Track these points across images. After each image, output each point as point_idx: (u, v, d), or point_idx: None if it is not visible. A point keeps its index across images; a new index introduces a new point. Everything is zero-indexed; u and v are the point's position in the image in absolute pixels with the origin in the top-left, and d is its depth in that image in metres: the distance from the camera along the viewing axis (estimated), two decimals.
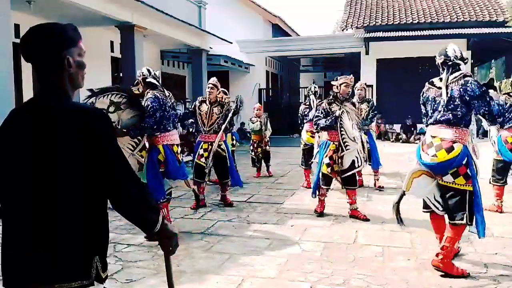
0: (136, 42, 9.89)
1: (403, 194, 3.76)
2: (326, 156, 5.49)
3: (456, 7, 16.89)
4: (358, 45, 16.39)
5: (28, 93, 8.75)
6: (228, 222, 5.38)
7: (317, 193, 5.68)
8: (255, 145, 8.76)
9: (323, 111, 5.54)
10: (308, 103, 7.54)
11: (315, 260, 4.05)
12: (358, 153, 5.47)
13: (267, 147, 8.85)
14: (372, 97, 15.49)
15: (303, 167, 7.74)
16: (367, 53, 16.28)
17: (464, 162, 3.58)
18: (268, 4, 26.72)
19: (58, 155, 1.44)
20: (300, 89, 20.52)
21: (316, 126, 5.61)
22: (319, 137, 8.04)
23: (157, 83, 4.91)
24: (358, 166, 5.54)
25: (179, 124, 5.97)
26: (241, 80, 17.27)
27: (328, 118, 5.43)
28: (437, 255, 3.68)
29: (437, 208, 3.75)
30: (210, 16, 14.63)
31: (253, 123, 8.81)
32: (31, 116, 1.49)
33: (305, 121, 7.60)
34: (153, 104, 4.66)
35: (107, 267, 1.59)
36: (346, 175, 5.48)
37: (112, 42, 11.62)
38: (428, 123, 3.78)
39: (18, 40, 9.55)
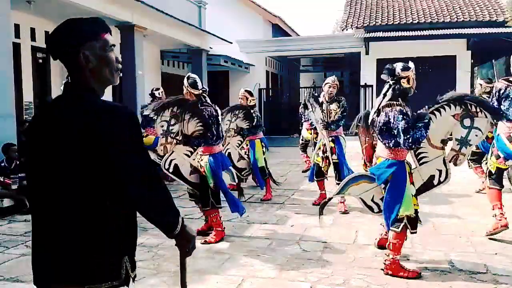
0: (136, 42, 9.89)
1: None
2: (411, 183, 3.75)
3: (456, 7, 16.88)
4: (358, 45, 16.37)
5: (28, 93, 8.75)
6: (228, 222, 5.37)
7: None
8: None
9: (407, 117, 3.56)
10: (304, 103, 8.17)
11: (315, 260, 4.05)
12: (444, 163, 3.89)
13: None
14: (372, 98, 15.51)
15: (304, 153, 8.79)
16: (367, 53, 16.26)
17: None
18: (268, 4, 26.70)
19: (58, 155, 1.45)
20: (300, 89, 20.52)
21: (415, 142, 3.55)
22: (316, 134, 7.45)
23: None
24: (441, 182, 3.90)
25: None
26: (241, 80, 17.24)
27: (421, 124, 3.52)
28: None
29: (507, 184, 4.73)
30: (210, 16, 14.63)
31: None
32: (39, 116, 1.53)
33: (303, 120, 8.39)
34: None
35: (136, 267, 1.58)
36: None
37: None
38: None
39: (18, 40, 9.53)
